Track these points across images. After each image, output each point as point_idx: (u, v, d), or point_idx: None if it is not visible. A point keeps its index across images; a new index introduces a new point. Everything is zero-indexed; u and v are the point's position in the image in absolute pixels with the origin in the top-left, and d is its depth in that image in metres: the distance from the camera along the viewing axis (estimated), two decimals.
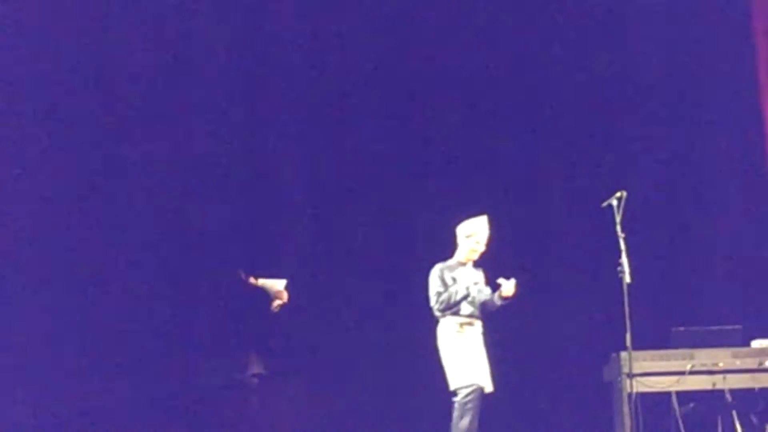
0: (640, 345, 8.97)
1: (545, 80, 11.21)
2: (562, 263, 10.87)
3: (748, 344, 9.63)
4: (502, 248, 9.20)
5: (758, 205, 10.77)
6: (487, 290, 8.92)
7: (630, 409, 9.04)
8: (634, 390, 8.99)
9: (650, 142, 11.23)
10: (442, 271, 8.91)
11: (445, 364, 8.75)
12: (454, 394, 8.65)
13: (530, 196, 11.02)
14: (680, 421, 9.56)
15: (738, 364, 9.47)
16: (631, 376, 8.99)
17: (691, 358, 9.47)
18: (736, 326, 9.67)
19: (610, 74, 11.21)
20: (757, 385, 9.49)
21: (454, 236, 9.08)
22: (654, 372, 9.43)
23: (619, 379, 9.37)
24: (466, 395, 8.61)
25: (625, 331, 8.66)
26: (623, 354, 9.12)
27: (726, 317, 10.02)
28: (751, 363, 9.47)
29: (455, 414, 8.63)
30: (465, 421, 8.59)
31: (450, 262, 8.99)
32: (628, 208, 8.80)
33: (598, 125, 11.21)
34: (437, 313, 8.81)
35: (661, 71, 11.25)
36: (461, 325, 8.81)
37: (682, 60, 11.21)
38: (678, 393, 9.55)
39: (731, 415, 9.56)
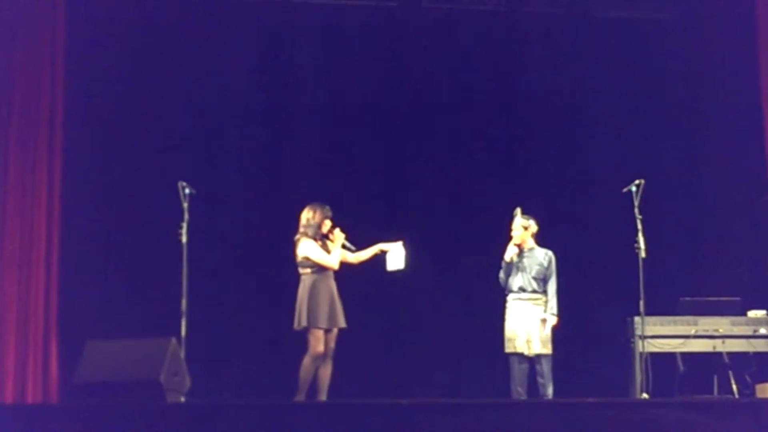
0: (651, 311, 9.86)
1: (576, 91, 11.77)
2: (589, 242, 11.40)
3: (744, 314, 10.30)
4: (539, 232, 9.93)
5: (756, 194, 10.97)
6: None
7: (641, 366, 9.75)
8: (645, 350, 9.78)
9: (666, 140, 11.72)
10: None
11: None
12: None
13: (561, 185, 11.55)
14: (683, 378, 10.30)
15: (735, 330, 10.20)
16: (642, 337, 9.78)
17: (695, 324, 10.18)
18: (735, 298, 10.42)
19: (633, 80, 11.78)
20: (751, 350, 10.21)
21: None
22: (663, 335, 10.13)
23: (632, 340, 10.04)
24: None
25: (639, 299, 9.57)
26: (637, 318, 9.84)
27: (726, 290, 10.66)
28: (746, 330, 10.21)
29: None
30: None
31: None
32: (646, 194, 9.57)
33: (619, 126, 11.75)
34: None
35: (677, 78, 11.81)
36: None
37: (692, 69, 11.75)
38: (682, 354, 10.27)
39: (728, 375, 10.27)
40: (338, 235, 9.41)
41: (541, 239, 9.99)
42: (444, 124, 11.74)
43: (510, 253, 9.81)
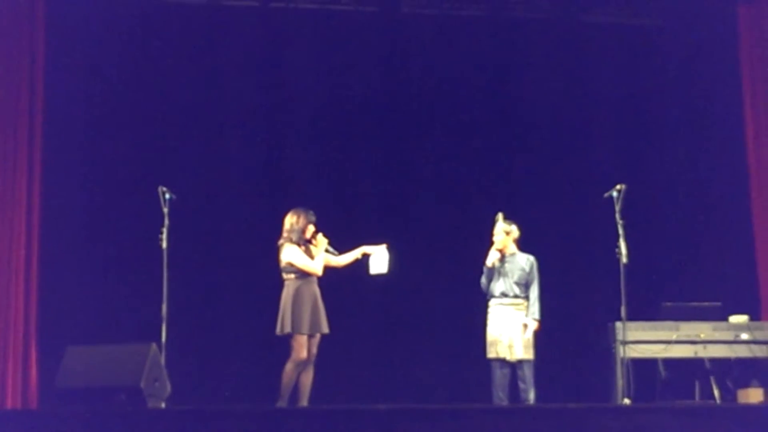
0: (633, 316, 9.82)
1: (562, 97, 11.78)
2: (570, 247, 11.38)
3: (726, 319, 10.32)
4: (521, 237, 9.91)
5: (737, 201, 11.23)
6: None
7: (622, 371, 9.72)
8: (627, 355, 9.76)
9: (649, 145, 11.80)
10: None
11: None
12: None
13: (544, 190, 11.52)
14: (665, 384, 10.34)
15: (717, 335, 10.22)
16: (624, 343, 9.75)
17: (677, 329, 10.22)
18: (717, 303, 10.44)
19: (616, 86, 11.76)
20: (733, 355, 10.23)
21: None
22: (644, 340, 10.13)
23: (613, 345, 10.06)
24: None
25: (620, 304, 9.51)
26: (618, 324, 9.83)
27: (708, 295, 10.62)
28: (728, 335, 10.24)
29: None
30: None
31: None
32: (628, 199, 9.55)
33: (602, 131, 11.72)
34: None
35: (660, 85, 11.84)
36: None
37: (676, 75, 11.81)
38: (664, 359, 10.30)
39: (709, 380, 10.27)
40: (321, 241, 9.37)
41: (523, 244, 9.97)
42: (427, 129, 11.75)
43: (492, 259, 9.81)
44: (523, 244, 9.97)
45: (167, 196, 9.49)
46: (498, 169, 11.70)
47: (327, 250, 9.42)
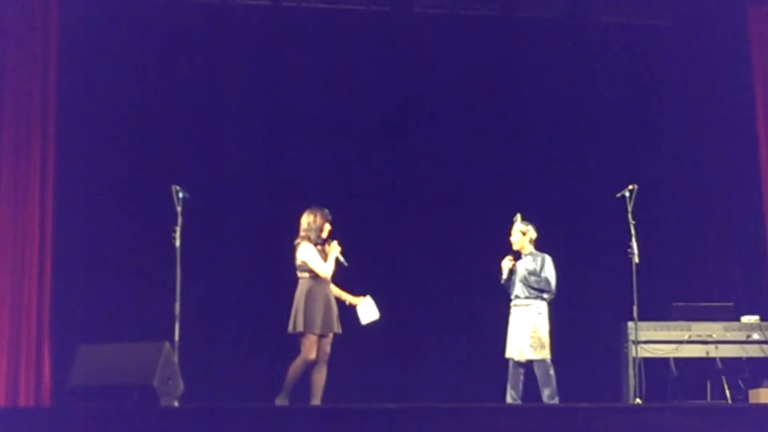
0: (645, 316, 9.88)
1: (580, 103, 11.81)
2: (583, 247, 11.41)
3: (738, 319, 10.42)
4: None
5: (749, 201, 11.27)
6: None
7: (634, 371, 9.84)
8: (638, 355, 9.85)
9: (661, 145, 11.77)
10: None
11: None
12: None
13: (556, 190, 11.54)
14: (676, 384, 10.38)
15: (729, 336, 10.33)
16: (636, 342, 9.84)
17: (689, 329, 10.33)
18: (728, 303, 10.54)
19: (628, 86, 11.81)
20: (744, 355, 10.33)
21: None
22: (656, 340, 10.23)
23: (625, 345, 10.14)
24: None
25: (632, 304, 9.57)
26: (630, 323, 9.94)
27: (720, 295, 10.82)
28: (740, 335, 10.33)
29: None
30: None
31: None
32: (640, 199, 9.60)
33: (613, 131, 11.72)
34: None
35: (671, 84, 11.82)
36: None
37: (688, 74, 11.78)
38: (676, 359, 10.33)
39: (721, 380, 10.33)
40: (334, 248, 9.37)
41: (536, 243, 9.99)
42: (438, 128, 11.74)
43: (505, 270, 9.85)
44: (537, 244, 9.97)
45: (180, 194, 9.51)
46: (510, 168, 11.68)
47: (338, 259, 9.41)
